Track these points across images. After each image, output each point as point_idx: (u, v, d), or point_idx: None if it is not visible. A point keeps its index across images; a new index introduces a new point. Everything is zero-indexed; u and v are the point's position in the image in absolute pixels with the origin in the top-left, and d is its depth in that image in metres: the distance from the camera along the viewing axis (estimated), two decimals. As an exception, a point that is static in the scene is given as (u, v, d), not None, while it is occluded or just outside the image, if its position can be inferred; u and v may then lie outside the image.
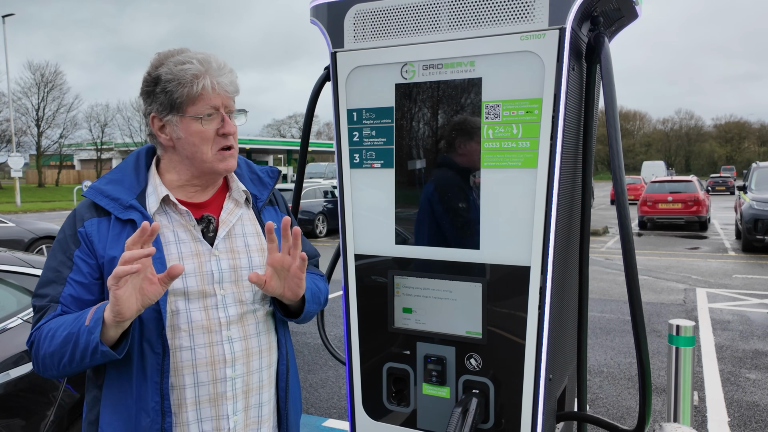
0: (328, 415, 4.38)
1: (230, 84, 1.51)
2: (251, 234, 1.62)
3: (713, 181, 38.36)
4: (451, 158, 2.02)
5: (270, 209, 1.71)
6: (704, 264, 11.35)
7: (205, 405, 1.49)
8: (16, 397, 2.42)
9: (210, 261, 1.52)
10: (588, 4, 1.83)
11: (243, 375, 1.54)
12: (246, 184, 1.66)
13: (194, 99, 1.47)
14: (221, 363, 1.50)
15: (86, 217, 1.48)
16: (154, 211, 1.50)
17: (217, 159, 1.51)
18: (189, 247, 1.51)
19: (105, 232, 1.46)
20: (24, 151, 48.55)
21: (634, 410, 4.40)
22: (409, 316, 2.11)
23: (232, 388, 1.51)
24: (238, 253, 1.57)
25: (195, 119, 1.48)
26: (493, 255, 1.95)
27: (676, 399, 2.58)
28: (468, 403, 1.95)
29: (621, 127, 2.14)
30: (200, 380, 1.48)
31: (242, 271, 1.56)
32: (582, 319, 2.27)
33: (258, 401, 1.59)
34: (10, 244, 9.25)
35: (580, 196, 2.19)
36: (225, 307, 1.52)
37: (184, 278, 1.47)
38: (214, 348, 1.49)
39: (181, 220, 1.52)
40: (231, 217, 1.59)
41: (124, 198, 1.48)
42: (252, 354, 1.56)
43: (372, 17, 2.05)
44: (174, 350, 1.46)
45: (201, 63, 1.47)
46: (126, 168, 1.57)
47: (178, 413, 1.47)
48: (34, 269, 2.92)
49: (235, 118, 1.56)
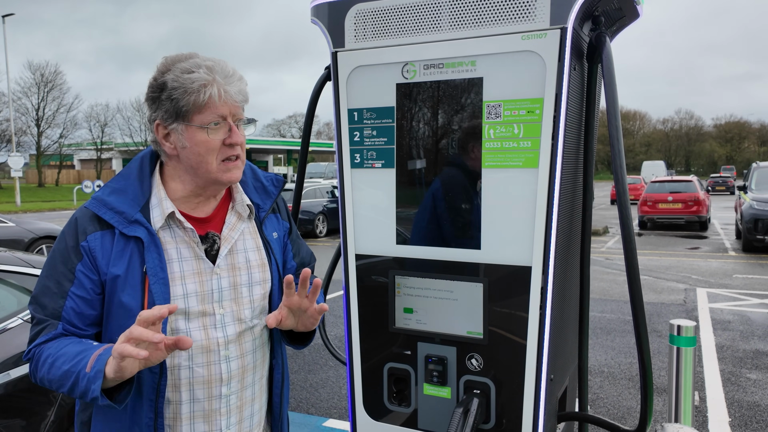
0: (328, 415, 4.38)
1: (239, 93, 1.46)
2: (252, 249, 1.59)
3: (713, 181, 38.37)
4: (458, 159, 2.01)
5: (272, 218, 1.68)
6: (704, 264, 11.35)
7: (199, 420, 1.49)
8: (17, 397, 2.42)
9: (211, 279, 1.50)
10: (589, 3, 1.83)
11: (237, 391, 1.54)
12: (249, 193, 1.63)
13: (201, 108, 1.42)
14: (217, 381, 1.50)
15: (89, 230, 1.43)
16: (159, 226, 1.46)
17: (221, 170, 1.46)
18: (191, 265, 1.48)
19: (109, 247, 1.42)
20: (24, 151, 48.55)
21: (634, 410, 4.40)
22: (410, 316, 2.11)
23: (226, 405, 1.51)
24: (239, 270, 1.54)
25: (201, 128, 1.42)
26: (494, 255, 1.95)
27: (677, 399, 2.57)
28: (469, 404, 1.95)
29: (621, 126, 2.13)
30: (196, 397, 1.48)
31: (242, 288, 1.54)
32: (583, 319, 2.26)
33: (250, 413, 1.59)
34: (10, 244, 9.25)
35: (581, 196, 2.19)
36: (224, 327, 1.50)
37: (185, 298, 1.45)
38: (212, 367, 1.48)
39: (185, 237, 1.49)
40: (233, 233, 1.56)
41: (128, 212, 1.43)
42: (247, 370, 1.56)
43: (373, 17, 2.04)
44: (172, 368, 1.45)
45: (209, 71, 1.42)
46: (129, 176, 1.52)
47: (173, 426, 1.47)
48: (35, 269, 2.92)
49: (243, 128, 1.51)
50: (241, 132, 1.48)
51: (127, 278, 1.40)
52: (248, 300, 1.55)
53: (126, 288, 1.39)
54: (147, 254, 1.41)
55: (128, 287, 1.39)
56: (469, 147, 1.97)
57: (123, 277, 1.40)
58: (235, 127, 1.46)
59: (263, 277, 1.58)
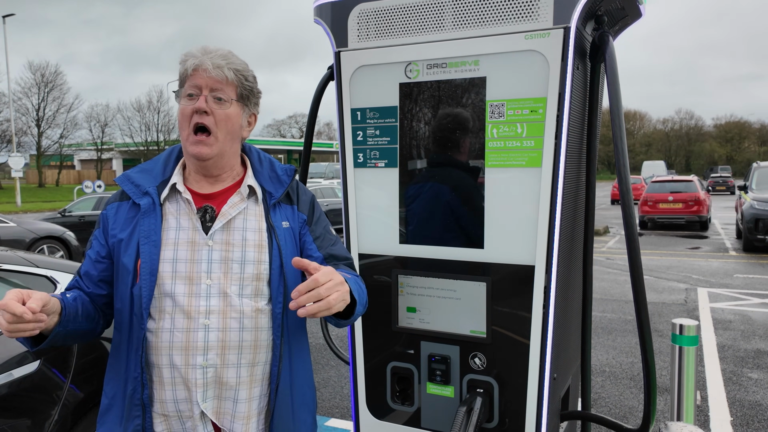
0: (330, 415, 4.38)
1: (215, 68, 1.54)
2: (252, 229, 1.63)
3: (713, 181, 38.39)
4: (453, 156, 2.02)
5: (287, 207, 1.71)
6: (705, 264, 11.35)
7: (180, 387, 1.55)
8: (20, 396, 2.42)
9: (202, 250, 1.57)
10: (592, 3, 1.83)
11: (216, 366, 1.56)
12: (263, 182, 1.69)
13: (184, 79, 1.57)
14: (194, 350, 1.54)
15: (111, 201, 1.66)
16: (165, 197, 1.60)
17: (190, 142, 1.56)
18: (186, 234, 1.58)
19: (122, 216, 1.61)
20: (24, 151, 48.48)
21: (636, 410, 4.40)
22: (413, 316, 2.11)
23: (203, 376, 1.55)
24: (232, 246, 1.59)
25: (183, 98, 1.57)
26: (497, 254, 1.95)
27: (679, 398, 2.57)
28: (472, 403, 1.95)
29: (624, 126, 2.11)
30: (174, 362, 1.54)
31: (233, 263, 1.58)
32: (586, 318, 2.27)
33: (234, 396, 1.58)
34: (11, 244, 9.26)
35: (583, 195, 2.19)
36: (208, 297, 1.55)
37: (174, 262, 1.55)
38: (191, 334, 1.54)
39: (187, 209, 1.60)
40: (232, 210, 1.61)
41: (144, 185, 1.62)
42: (229, 347, 1.57)
43: (376, 17, 2.05)
44: (157, 330, 1.55)
45: (198, 47, 1.58)
46: (159, 159, 1.71)
47: (158, 389, 1.57)
48: (39, 269, 2.92)
49: (220, 105, 1.56)
50: (213, 106, 1.55)
51: (129, 242, 1.57)
52: (238, 276, 1.58)
53: (127, 249, 1.56)
54: (143, 219, 1.57)
55: (128, 249, 1.56)
56: (471, 146, 1.98)
57: (126, 240, 1.57)
58: (203, 97, 1.54)
59: (258, 258, 1.60)
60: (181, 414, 1.56)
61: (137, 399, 1.55)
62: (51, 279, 2.90)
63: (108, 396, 1.62)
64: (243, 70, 1.60)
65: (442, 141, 2.02)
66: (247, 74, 1.62)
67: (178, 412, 1.56)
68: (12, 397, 2.39)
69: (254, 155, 1.75)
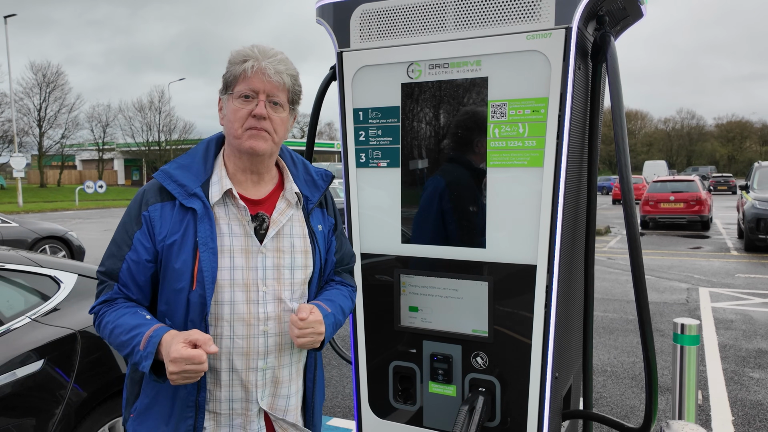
0: (332, 414, 4.38)
1: (276, 73, 1.54)
2: (298, 235, 1.67)
3: (715, 181, 38.37)
4: (462, 158, 2.02)
5: (318, 212, 1.75)
6: (707, 263, 11.34)
7: (237, 388, 1.59)
8: (24, 396, 2.43)
9: (257, 257, 1.59)
10: (594, 3, 1.84)
11: (274, 368, 1.62)
12: (299, 185, 1.70)
13: (238, 79, 1.54)
14: (255, 355, 1.59)
15: (151, 201, 1.58)
16: (215, 201, 1.58)
17: (245, 136, 1.55)
18: (240, 241, 1.58)
19: (168, 217, 1.55)
20: (26, 151, 48.48)
21: (638, 409, 4.41)
22: (415, 315, 2.12)
23: (262, 378, 1.60)
24: (283, 253, 1.63)
25: (236, 98, 1.55)
26: (499, 254, 1.96)
27: (680, 397, 2.57)
28: (474, 402, 1.96)
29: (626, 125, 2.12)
30: (235, 367, 1.58)
31: (284, 270, 1.62)
32: (588, 317, 2.27)
33: (286, 392, 1.66)
34: (13, 244, 9.27)
35: (585, 195, 2.20)
36: (265, 303, 1.59)
37: (231, 270, 1.55)
38: (251, 340, 1.58)
39: (238, 214, 1.59)
40: (282, 217, 1.64)
41: (189, 185, 1.57)
42: (284, 349, 1.64)
43: (378, 17, 2.05)
44: (215, 337, 1.55)
45: (254, 48, 1.56)
46: (196, 154, 1.65)
47: (213, 390, 1.58)
48: (42, 268, 2.93)
49: (275, 110, 1.57)
50: (270, 111, 1.56)
51: (182, 246, 1.53)
52: (289, 282, 1.63)
53: (180, 254, 1.52)
54: (200, 225, 1.53)
55: (182, 254, 1.52)
56: (473, 146, 1.98)
57: (178, 244, 1.53)
58: (262, 103, 1.54)
59: (305, 263, 1.66)
60: (233, 412, 1.60)
61: (191, 401, 1.55)
62: (55, 279, 2.91)
63: (148, 396, 1.60)
64: (296, 76, 1.62)
65: (455, 140, 2.02)
66: (298, 80, 1.63)
67: (231, 410, 1.60)
68: (16, 397, 2.40)
69: (287, 155, 1.76)
